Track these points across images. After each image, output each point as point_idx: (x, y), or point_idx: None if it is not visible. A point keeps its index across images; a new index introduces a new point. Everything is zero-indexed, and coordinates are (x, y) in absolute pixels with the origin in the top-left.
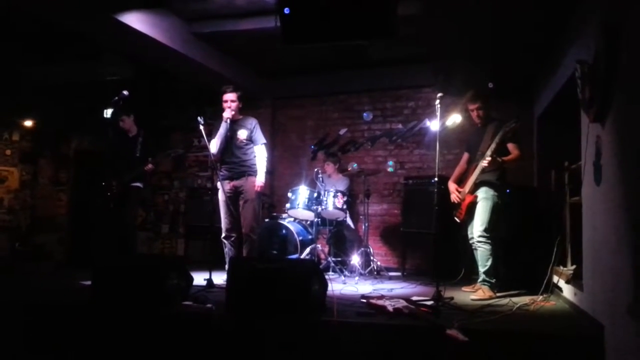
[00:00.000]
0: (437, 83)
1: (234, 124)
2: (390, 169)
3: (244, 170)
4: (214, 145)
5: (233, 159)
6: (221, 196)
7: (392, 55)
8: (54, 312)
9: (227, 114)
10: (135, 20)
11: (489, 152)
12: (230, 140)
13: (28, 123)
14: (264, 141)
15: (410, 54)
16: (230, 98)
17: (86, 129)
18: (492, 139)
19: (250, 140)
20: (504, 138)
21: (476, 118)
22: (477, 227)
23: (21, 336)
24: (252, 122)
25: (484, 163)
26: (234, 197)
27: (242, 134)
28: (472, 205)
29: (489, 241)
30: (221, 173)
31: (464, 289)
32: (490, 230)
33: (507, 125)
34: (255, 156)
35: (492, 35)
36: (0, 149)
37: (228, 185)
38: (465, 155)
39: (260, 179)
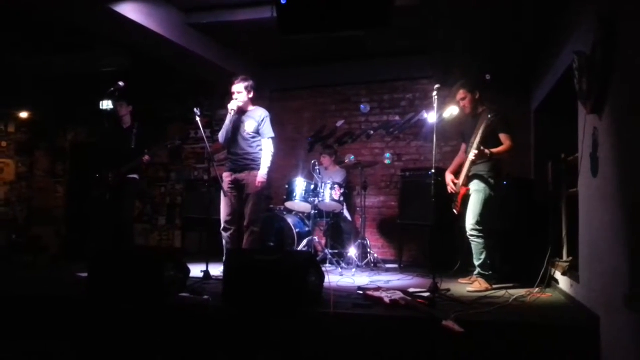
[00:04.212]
0: (435, 75)
1: (243, 115)
2: (387, 161)
3: (247, 163)
4: (221, 136)
5: (238, 150)
6: (224, 187)
7: (390, 47)
8: (50, 304)
9: (232, 105)
10: (130, 10)
11: (474, 145)
12: (237, 131)
13: (24, 115)
14: (272, 135)
15: (407, 46)
16: (236, 89)
17: (82, 121)
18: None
19: (258, 132)
20: (491, 130)
21: (464, 108)
22: (469, 221)
23: (17, 328)
24: (262, 115)
25: (472, 156)
26: (237, 189)
27: (249, 126)
28: (467, 198)
29: (482, 234)
30: (226, 164)
31: (460, 280)
32: (483, 223)
33: (489, 119)
34: (261, 150)
35: (490, 26)
36: None
37: (231, 177)
38: (464, 146)
39: (261, 174)
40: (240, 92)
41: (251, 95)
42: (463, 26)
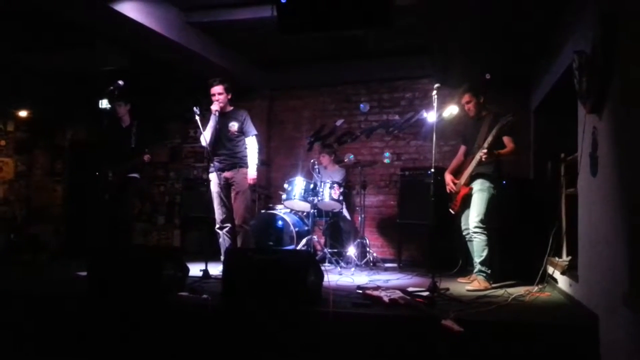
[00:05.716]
0: (435, 74)
1: (225, 116)
2: (386, 160)
3: (235, 161)
4: (206, 138)
5: (224, 150)
6: (213, 187)
7: (390, 46)
8: (49, 302)
9: (215, 106)
10: (130, 9)
11: (485, 145)
12: (220, 132)
13: (23, 113)
14: (255, 132)
15: (407, 45)
16: (217, 91)
17: (82, 120)
18: (489, 131)
19: (242, 132)
20: (500, 132)
21: (468, 111)
22: (473, 218)
23: (16, 327)
24: (243, 114)
25: (482, 156)
26: (226, 188)
27: (233, 126)
28: (467, 197)
29: (485, 232)
30: (213, 164)
31: (459, 280)
32: (487, 221)
33: (505, 119)
34: (246, 147)
35: (490, 26)
36: None
37: (220, 177)
38: (462, 148)
39: (251, 172)
40: (221, 93)
41: (229, 96)
42: (462, 25)
